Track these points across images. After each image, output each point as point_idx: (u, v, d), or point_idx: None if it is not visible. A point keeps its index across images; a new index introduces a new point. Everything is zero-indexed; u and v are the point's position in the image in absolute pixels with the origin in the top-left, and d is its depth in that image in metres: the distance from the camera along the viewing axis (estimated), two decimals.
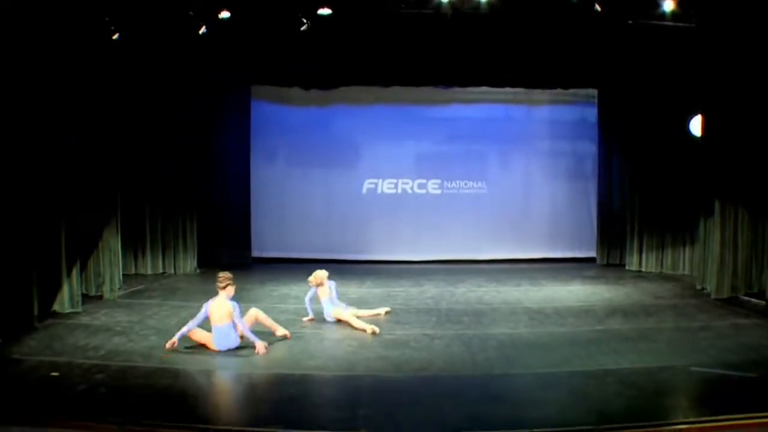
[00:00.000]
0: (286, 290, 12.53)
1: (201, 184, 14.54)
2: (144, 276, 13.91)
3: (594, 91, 15.30)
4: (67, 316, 10.41)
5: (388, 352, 8.70)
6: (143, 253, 14.04)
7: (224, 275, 8.74)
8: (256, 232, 15.41)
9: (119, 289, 12.16)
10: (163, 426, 6.19)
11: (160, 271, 14.18)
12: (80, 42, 10.73)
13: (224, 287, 8.69)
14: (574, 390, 7.31)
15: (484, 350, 8.76)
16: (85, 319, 10.28)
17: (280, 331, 9.32)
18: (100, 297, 11.67)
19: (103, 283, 11.73)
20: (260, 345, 8.62)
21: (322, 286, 10.14)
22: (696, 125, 12.87)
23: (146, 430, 6.19)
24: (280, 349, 8.82)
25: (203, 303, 8.81)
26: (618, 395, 7.05)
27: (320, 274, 10.27)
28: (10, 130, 9.36)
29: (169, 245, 14.18)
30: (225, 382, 7.84)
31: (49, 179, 10.06)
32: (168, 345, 8.61)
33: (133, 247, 13.90)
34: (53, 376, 7.61)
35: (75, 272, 10.69)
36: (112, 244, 11.85)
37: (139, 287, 12.84)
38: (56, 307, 10.46)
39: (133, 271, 13.96)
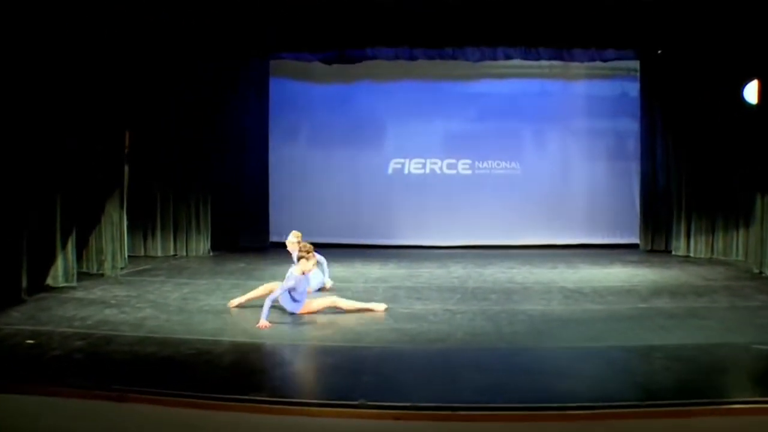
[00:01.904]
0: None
1: (216, 164, 13.91)
2: (153, 258, 13.30)
3: (635, 64, 14.38)
4: (61, 290, 9.88)
5: (401, 325, 7.99)
6: (153, 235, 13.42)
7: (305, 246, 8.39)
8: (274, 215, 14.75)
9: (123, 267, 11.57)
10: (134, 392, 5.60)
11: (171, 253, 13.56)
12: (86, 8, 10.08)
13: (299, 258, 8.33)
14: (612, 364, 6.56)
15: (512, 324, 8.03)
16: (79, 294, 9.74)
17: (378, 306, 8.63)
18: (102, 275, 11.08)
19: (105, 259, 11.13)
20: (263, 322, 7.85)
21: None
22: (751, 92, 11.79)
23: (116, 395, 5.57)
24: (278, 322, 8.16)
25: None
26: (666, 370, 6.25)
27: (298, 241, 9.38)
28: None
29: (180, 227, 13.54)
30: (211, 350, 7.01)
31: (45, 148, 9.53)
32: (262, 325, 7.84)
33: (142, 228, 13.33)
34: (28, 343, 7.11)
35: (70, 245, 10.10)
36: (115, 217, 11.22)
37: (146, 267, 12.27)
38: (49, 281, 9.91)
39: (142, 253, 13.39)
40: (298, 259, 8.39)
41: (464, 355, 6.89)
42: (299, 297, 8.42)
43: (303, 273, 8.35)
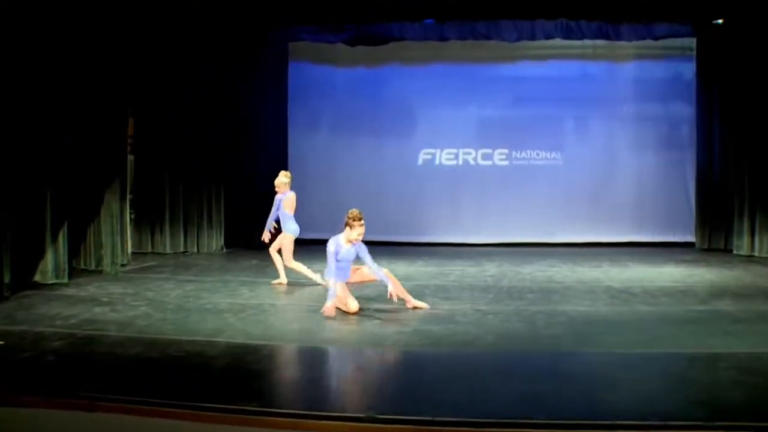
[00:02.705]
0: (319, 267, 10.94)
1: (230, 155, 13.13)
2: (161, 255, 12.57)
3: (691, 41, 13.38)
4: (51, 287, 9.18)
5: (425, 326, 7.10)
6: (161, 230, 12.70)
7: (353, 213, 7.64)
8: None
9: (125, 264, 10.81)
10: (106, 400, 4.89)
11: (181, 250, 12.82)
12: None
13: (345, 224, 7.67)
14: (670, 375, 5.54)
15: (551, 326, 7.08)
16: (70, 291, 9.02)
17: (422, 304, 7.89)
18: (101, 272, 10.32)
19: (104, 255, 10.33)
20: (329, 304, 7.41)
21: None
22: None
23: (85, 403, 4.88)
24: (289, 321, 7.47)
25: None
26: (735, 384, 5.20)
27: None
28: None
29: (191, 222, 12.81)
30: (202, 352, 6.10)
31: (33, 133, 8.87)
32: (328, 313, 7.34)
33: (149, 223, 12.68)
34: None
35: (62, 239, 9.39)
36: (114, 209, 10.39)
37: (151, 263, 11.52)
38: (38, 277, 9.25)
39: (149, 250, 12.70)
40: (345, 225, 7.63)
41: (494, 360, 6.02)
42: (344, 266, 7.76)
43: (349, 242, 7.61)
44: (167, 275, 10.34)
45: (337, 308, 7.60)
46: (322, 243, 12.50)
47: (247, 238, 13.13)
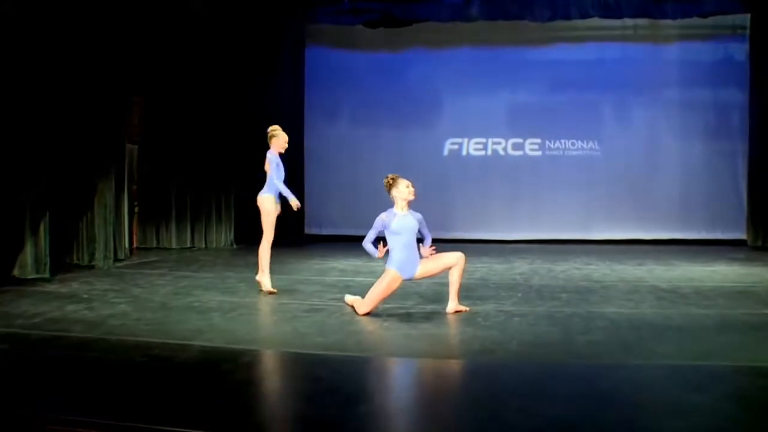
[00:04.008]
0: (333, 263, 10.48)
1: (242, 147, 12.44)
2: (167, 250, 11.95)
3: (744, 18, 12.77)
4: (30, 282, 8.41)
5: (438, 330, 6.20)
6: (167, 225, 12.12)
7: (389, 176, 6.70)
8: (310, 205, 13.46)
9: (123, 258, 10.17)
10: (41, 416, 4.04)
11: (188, 245, 12.21)
12: None
13: (387, 186, 6.59)
14: (742, 396, 4.45)
15: (588, 332, 6.04)
16: (50, 287, 8.24)
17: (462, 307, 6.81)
18: (93, 267, 9.62)
19: (97, 249, 9.63)
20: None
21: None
22: None
23: (18, 419, 4.06)
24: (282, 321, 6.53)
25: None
26: None
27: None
28: None
29: (199, 216, 12.23)
30: (171, 357, 5.23)
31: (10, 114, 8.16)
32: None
33: (155, 216, 12.08)
34: None
35: (43, 231, 8.63)
36: (108, 199, 9.68)
37: (153, 259, 10.83)
38: (16, 272, 8.51)
39: (154, 245, 12.11)
40: (388, 191, 6.60)
41: (518, 373, 4.99)
42: (398, 244, 6.50)
43: (405, 205, 6.55)
44: (164, 271, 9.60)
45: (351, 305, 6.72)
46: (341, 240, 11.45)
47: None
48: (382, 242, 6.51)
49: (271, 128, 7.99)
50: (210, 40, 11.85)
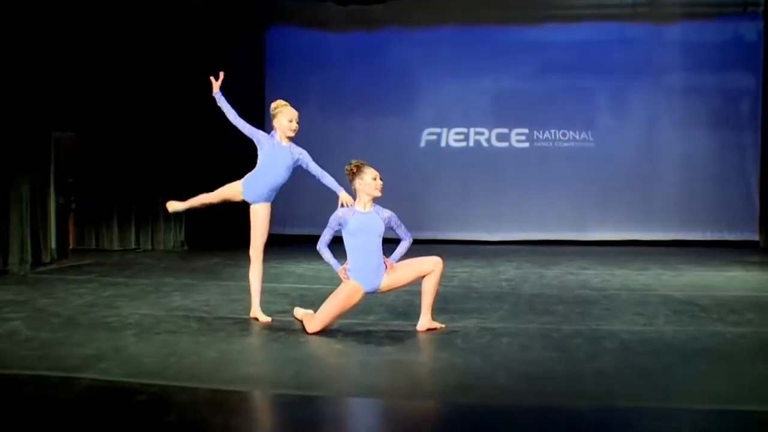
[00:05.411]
0: (291, 267, 9.48)
1: (192, 137, 11.64)
2: (107, 252, 10.92)
3: None
4: None
5: (403, 356, 5.05)
6: (108, 224, 11.20)
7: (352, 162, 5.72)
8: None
9: (48, 262, 9.14)
10: None
11: (132, 246, 11.27)
12: None
13: (349, 174, 5.61)
14: None
15: (595, 357, 4.93)
16: None
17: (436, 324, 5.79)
18: (7, 272, 8.53)
19: (11, 251, 8.54)
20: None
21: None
22: None
23: None
24: (210, 343, 5.26)
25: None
26: None
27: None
28: None
29: (145, 214, 11.28)
30: (49, 395, 4.05)
31: None
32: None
33: (94, 214, 11.13)
34: None
35: None
36: (24, 193, 8.60)
37: (85, 262, 9.75)
38: None
39: (93, 246, 11.11)
40: (350, 181, 5.61)
41: (507, 419, 3.85)
42: (357, 248, 5.47)
43: (369, 201, 5.54)
44: (93, 276, 8.48)
45: (299, 319, 5.64)
46: (306, 240, 10.75)
47: (212, 233, 11.76)
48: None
49: (273, 104, 6.29)
50: (157, 23, 11.00)
